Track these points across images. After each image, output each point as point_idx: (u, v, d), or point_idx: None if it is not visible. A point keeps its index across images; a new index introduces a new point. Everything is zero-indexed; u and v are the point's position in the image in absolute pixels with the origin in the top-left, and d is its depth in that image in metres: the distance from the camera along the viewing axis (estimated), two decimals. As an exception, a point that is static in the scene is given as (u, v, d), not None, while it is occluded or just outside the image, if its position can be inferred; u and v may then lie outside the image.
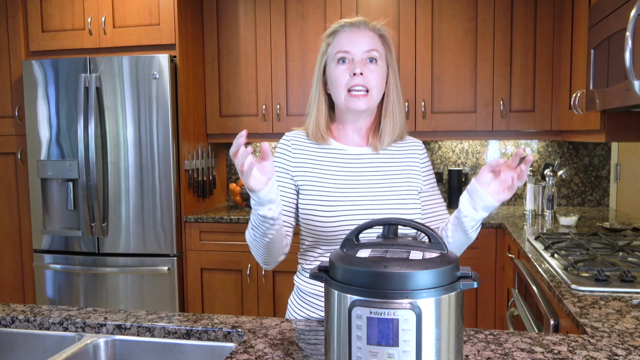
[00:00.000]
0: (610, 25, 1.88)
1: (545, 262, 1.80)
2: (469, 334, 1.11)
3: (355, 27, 1.31)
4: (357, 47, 1.28)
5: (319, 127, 1.34)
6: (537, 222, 2.76)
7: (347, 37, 1.30)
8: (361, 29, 1.30)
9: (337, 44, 1.31)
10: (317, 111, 1.35)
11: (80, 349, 1.18)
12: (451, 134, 3.19)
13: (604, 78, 1.96)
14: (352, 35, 1.30)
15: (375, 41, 1.31)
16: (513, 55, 3.07)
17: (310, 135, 1.36)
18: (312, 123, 1.35)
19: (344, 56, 1.29)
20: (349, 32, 1.30)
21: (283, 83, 3.31)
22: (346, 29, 1.31)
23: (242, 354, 1.03)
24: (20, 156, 3.31)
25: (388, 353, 0.76)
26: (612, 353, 1.01)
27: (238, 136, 1.00)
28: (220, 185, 3.68)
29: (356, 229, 0.90)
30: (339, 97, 1.30)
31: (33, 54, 3.27)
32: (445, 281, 0.79)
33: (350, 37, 1.29)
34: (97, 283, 3.12)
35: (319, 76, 1.36)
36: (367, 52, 1.28)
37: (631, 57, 1.58)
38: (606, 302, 1.36)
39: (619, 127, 2.18)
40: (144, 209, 3.05)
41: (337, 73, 1.29)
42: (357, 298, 0.78)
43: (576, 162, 3.33)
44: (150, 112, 3.01)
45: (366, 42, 1.29)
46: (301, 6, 3.25)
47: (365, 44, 1.28)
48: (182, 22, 3.12)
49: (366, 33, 1.30)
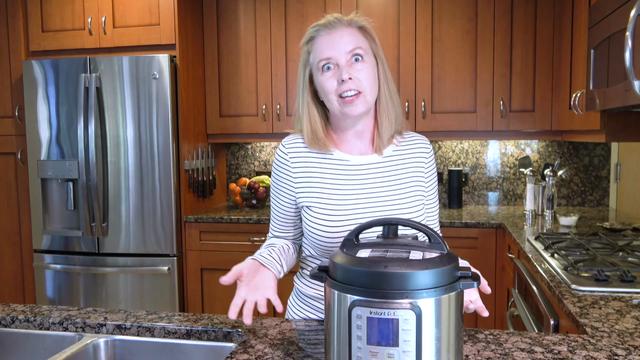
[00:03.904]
0: (610, 25, 1.88)
1: (545, 262, 1.80)
2: (469, 334, 1.11)
3: (332, 28, 1.22)
4: (338, 50, 1.20)
5: (316, 136, 1.27)
6: (537, 222, 2.76)
7: (325, 42, 1.21)
8: (337, 29, 1.22)
9: (317, 52, 1.22)
10: (309, 121, 1.27)
11: (80, 349, 1.18)
12: (451, 134, 3.19)
13: (604, 78, 1.96)
14: (330, 38, 1.21)
15: (356, 37, 1.22)
16: (513, 55, 3.07)
17: (309, 144, 1.28)
18: (308, 133, 1.27)
19: (327, 63, 1.21)
20: (326, 36, 1.22)
21: (283, 83, 3.31)
22: (322, 33, 1.22)
23: (242, 354, 1.03)
24: (20, 156, 3.31)
25: (388, 353, 0.76)
26: (612, 353, 1.01)
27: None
28: (220, 185, 3.68)
29: (356, 229, 0.90)
30: (332, 105, 1.23)
31: (33, 54, 3.27)
32: (445, 281, 0.79)
33: (328, 41, 1.21)
34: (97, 283, 3.12)
35: (304, 85, 1.28)
36: (350, 53, 1.20)
37: (631, 57, 1.58)
38: (606, 302, 1.36)
39: (619, 127, 2.18)
40: (144, 209, 3.05)
41: (324, 81, 1.21)
42: (357, 298, 0.78)
43: (576, 162, 3.33)
44: (150, 112, 3.01)
45: (346, 41, 1.20)
46: (301, 6, 3.25)
47: (346, 43, 1.20)
48: (182, 22, 3.12)
49: (344, 31, 1.21)
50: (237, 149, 3.75)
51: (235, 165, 3.76)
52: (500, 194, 3.44)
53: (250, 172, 3.74)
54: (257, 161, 3.73)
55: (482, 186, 3.45)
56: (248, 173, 3.74)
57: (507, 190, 3.43)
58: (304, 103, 1.28)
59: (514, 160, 3.41)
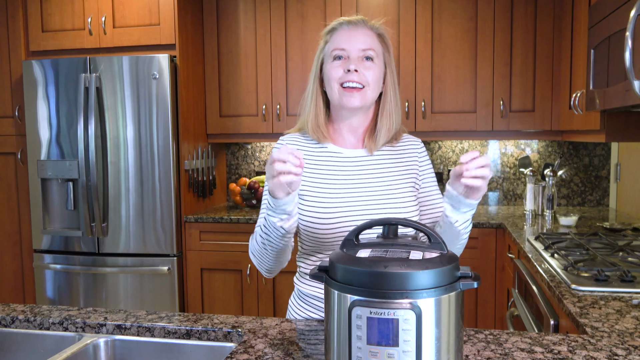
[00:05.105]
0: (610, 25, 1.88)
1: (545, 262, 1.80)
2: (469, 334, 1.11)
3: (354, 25, 1.30)
4: (353, 44, 1.27)
5: (318, 124, 1.33)
6: (537, 222, 2.76)
7: (344, 35, 1.29)
8: (359, 28, 1.30)
9: (334, 42, 1.30)
10: (315, 107, 1.34)
11: (80, 349, 1.18)
12: (451, 134, 3.19)
13: (604, 78, 1.96)
14: (350, 33, 1.29)
15: (373, 40, 1.30)
16: (513, 55, 3.07)
17: (310, 132, 1.34)
18: (312, 119, 1.34)
19: (340, 54, 1.28)
20: (347, 30, 1.30)
21: (283, 83, 3.31)
22: (344, 27, 1.30)
23: (242, 354, 1.03)
24: (20, 156, 3.31)
25: (388, 353, 0.76)
26: (612, 353, 1.01)
27: (293, 151, 1.04)
28: (220, 185, 3.68)
29: (356, 229, 0.90)
30: (333, 93, 1.29)
31: (33, 54, 3.27)
32: (445, 281, 0.79)
33: (347, 35, 1.29)
34: (97, 283, 3.12)
35: (316, 73, 1.35)
36: (364, 51, 1.27)
37: (631, 57, 1.58)
38: (606, 302, 1.36)
39: (619, 127, 2.18)
40: (144, 209, 3.05)
41: (332, 69, 1.28)
42: (357, 298, 0.78)
43: (576, 162, 3.33)
44: (150, 112, 3.01)
45: (363, 40, 1.28)
46: (301, 6, 3.25)
47: (362, 42, 1.28)
48: (182, 22, 3.12)
49: (364, 31, 1.29)
50: (237, 149, 3.75)
51: (235, 165, 3.76)
52: (500, 194, 3.44)
53: (250, 172, 3.74)
54: (257, 161, 3.73)
55: (482, 186, 3.45)
56: (248, 173, 3.74)
57: (507, 190, 3.43)
58: (313, 90, 1.35)
59: (514, 160, 3.41)
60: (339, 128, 1.35)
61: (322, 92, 1.35)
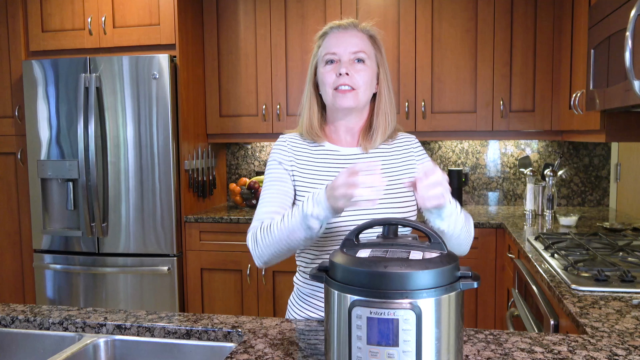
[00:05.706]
0: (610, 25, 1.88)
1: (545, 262, 1.80)
2: (469, 334, 1.11)
3: (344, 29, 1.33)
4: (344, 48, 1.30)
5: (312, 126, 1.36)
6: (537, 222, 2.76)
7: (335, 39, 1.32)
8: (349, 31, 1.33)
9: (325, 46, 1.33)
10: (309, 111, 1.37)
11: (80, 349, 1.18)
12: (451, 134, 3.19)
13: (604, 78, 1.96)
14: (340, 36, 1.32)
15: (364, 42, 1.32)
16: (513, 55, 3.07)
17: (305, 134, 1.37)
18: (306, 122, 1.37)
19: (331, 57, 1.31)
20: (337, 34, 1.33)
21: (283, 83, 3.31)
22: (335, 31, 1.34)
23: (242, 354, 1.03)
24: (20, 156, 3.31)
25: (388, 353, 0.76)
26: (612, 353, 1.01)
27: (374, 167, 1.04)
28: (220, 185, 3.68)
29: (356, 229, 0.90)
30: (327, 96, 1.32)
31: (33, 54, 3.27)
32: (445, 281, 0.79)
33: (338, 39, 1.32)
34: (97, 283, 3.12)
35: (310, 77, 1.38)
36: (354, 53, 1.30)
37: (631, 57, 1.58)
38: (606, 302, 1.36)
39: (619, 127, 2.18)
40: (144, 209, 3.05)
41: (324, 73, 1.31)
42: (357, 298, 0.78)
43: (576, 162, 3.33)
44: (150, 112, 3.01)
45: (353, 42, 1.31)
46: (301, 6, 3.25)
47: (352, 44, 1.30)
48: (182, 22, 3.12)
49: (354, 34, 1.32)
50: (237, 149, 3.75)
51: (235, 165, 3.76)
52: (500, 194, 3.44)
53: (250, 172, 3.74)
54: (257, 161, 3.73)
55: (482, 186, 3.46)
56: (248, 173, 3.74)
57: (507, 190, 3.43)
58: (308, 93, 1.39)
59: (514, 160, 3.41)
60: (336, 128, 1.38)
61: (318, 95, 1.38)
